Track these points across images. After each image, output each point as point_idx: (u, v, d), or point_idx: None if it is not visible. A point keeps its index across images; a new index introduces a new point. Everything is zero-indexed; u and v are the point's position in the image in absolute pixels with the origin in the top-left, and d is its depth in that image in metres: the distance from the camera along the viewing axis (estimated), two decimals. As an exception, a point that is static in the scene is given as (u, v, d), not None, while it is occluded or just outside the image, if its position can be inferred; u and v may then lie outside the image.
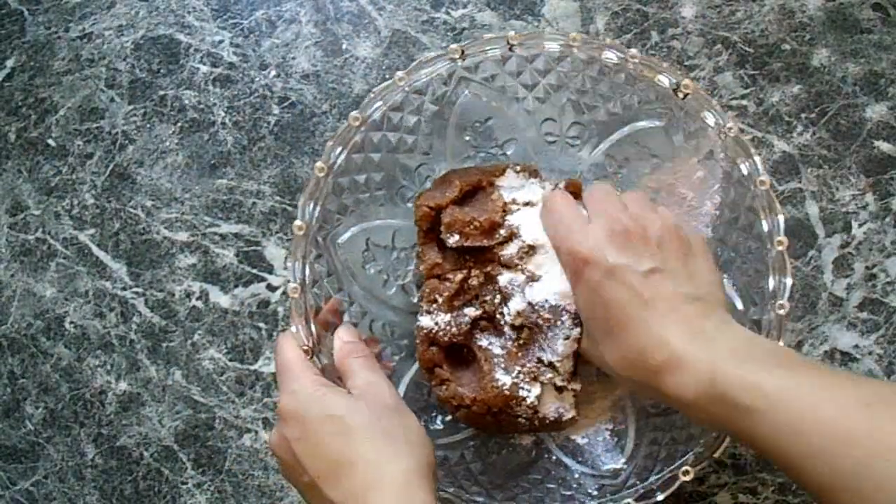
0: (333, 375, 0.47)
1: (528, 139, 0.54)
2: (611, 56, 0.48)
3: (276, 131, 0.62)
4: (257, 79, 0.62)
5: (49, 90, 0.64)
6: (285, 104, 0.62)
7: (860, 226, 0.58)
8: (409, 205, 0.53)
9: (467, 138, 0.53)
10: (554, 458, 0.52)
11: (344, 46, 0.62)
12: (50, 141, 0.63)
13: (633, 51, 0.48)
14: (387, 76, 0.61)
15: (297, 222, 0.48)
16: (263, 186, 0.61)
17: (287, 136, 0.61)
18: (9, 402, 0.61)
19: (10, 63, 0.64)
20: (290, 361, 0.46)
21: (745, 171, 0.48)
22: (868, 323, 0.57)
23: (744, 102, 0.60)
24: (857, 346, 0.57)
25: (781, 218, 0.47)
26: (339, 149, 0.49)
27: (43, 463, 0.60)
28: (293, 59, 0.62)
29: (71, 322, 0.61)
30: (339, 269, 0.51)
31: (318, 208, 0.49)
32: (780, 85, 0.60)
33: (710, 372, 0.39)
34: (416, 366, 0.53)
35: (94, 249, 0.62)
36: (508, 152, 0.54)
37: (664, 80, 0.48)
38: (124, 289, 0.61)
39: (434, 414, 0.53)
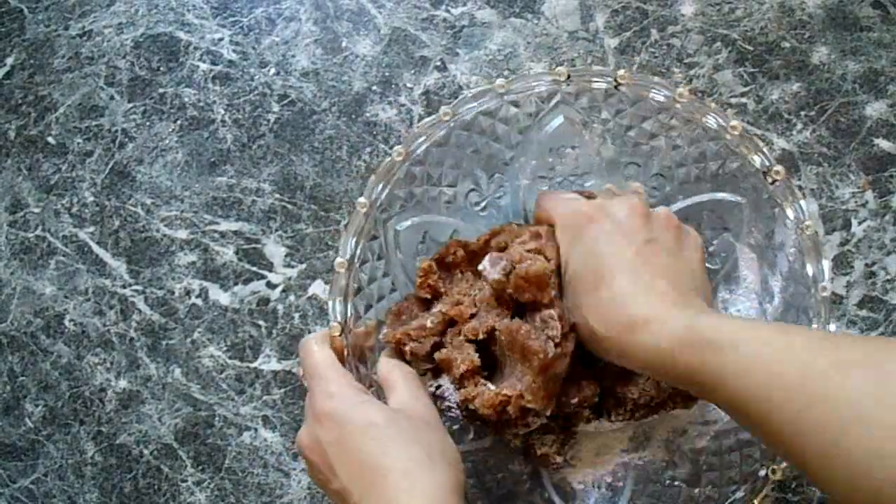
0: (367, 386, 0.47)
1: (607, 176, 0.54)
2: (711, 122, 0.48)
3: (275, 129, 0.62)
4: (257, 76, 0.62)
5: (49, 88, 0.64)
6: (285, 102, 0.62)
7: (860, 223, 0.58)
8: (476, 209, 0.54)
9: (550, 160, 0.53)
10: (546, 494, 0.52)
11: (343, 44, 0.62)
12: (49, 139, 0.63)
13: (735, 122, 0.48)
14: (386, 74, 0.61)
15: (361, 199, 0.48)
16: (263, 184, 0.61)
17: (287, 133, 0.61)
18: (8, 400, 0.61)
19: (9, 61, 0.64)
20: (324, 363, 0.45)
21: (809, 272, 0.48)
22: (868, 321, 0.57)
23: (743, 100, 0.60)
24: (856, 344, 0.57)
25: (833, 328, 0.47)
26: (422, 139, 0.49)
27: (43, 461, 0.60)
28: (293, 56, 0.62)
29: (70, 320, 0.61)
30: (391, 255, 0.51)
31: (385, 191, 0.49)
32: (780, 83, 0.60)
33: (687, 321, 0.39)
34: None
35: (94, 247, 0.62)
36: (587, 184, 0.54)
37: (756, 161, 0.48)
38: (124, 286, 0.61)
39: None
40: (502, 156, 0.53)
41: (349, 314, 0.48)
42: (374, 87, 0.61)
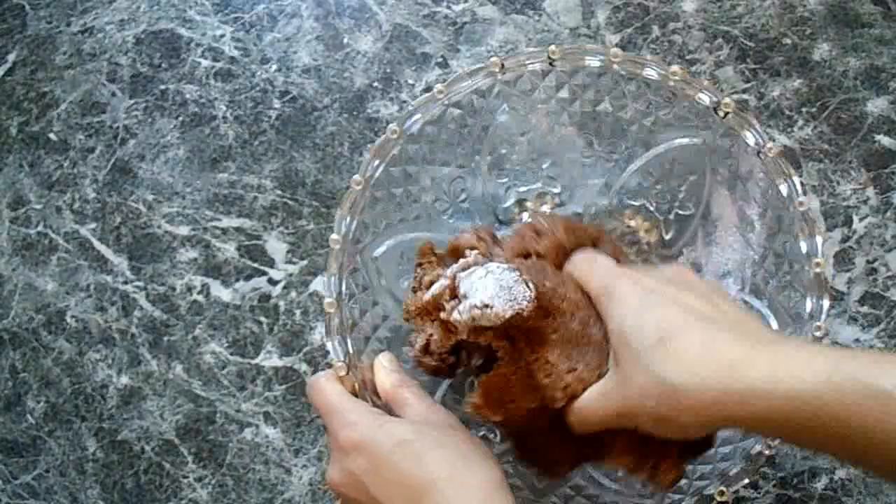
0: (383, 409, 0.46)
1: (564, 154, 0.54)
2: (651, 73, 0.48)
3: (277, 125, 0.62)
4: (258, 73, 0.62)
5: (50, 84, 0.64)
6: (286, 98, 0.62)
7: (861, 220, 0.58)
8: (444, 217, 0.54)
9: (503, 152, 0.53)
10: (588, 474, 0.52)
11: (345, 40, 0.62)
12: (51, 135, 0.63)
13: (675, 67, 0.48)
14: (388, 70, 0.61)
15: (334, 236, 0.48)
16: (265, 180, 0.61)
17: (288, 130, 0.62)
18: (10, 396, 0.61)
19: (11, 57, 0.64)
20: (338, 397, 0.45)
21: (784, 192, 0.48)
22: (869, 317, 0.57)
23: (745, 97, 0.60)
24: (857, 341, 0.57)
25: (820, 240, 0.47)
26: (377, 161, 0.49)
27: (44, 457, 0.60)
28: (294, 53, 0.62)
29: (72, 316, 0.61)
30: (375, 284, 0.51)
31: (354, 222, 0.49)
32: (781, 79, 0.60)
33: (826, 360, 0.32)
34: (445, 384, 0.52)
35: (96, 243, 0.62)
36: (543, 166, 0.54)
37: (704, 98, 0.48)
38: (125, 283, 0.61)
39: (470, 430, 0.53)
40: (458, 160, 0.53)
41: (350, 351, 0.48)
42: (376, 84, 0.62)
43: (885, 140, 0.59)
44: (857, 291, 0.58)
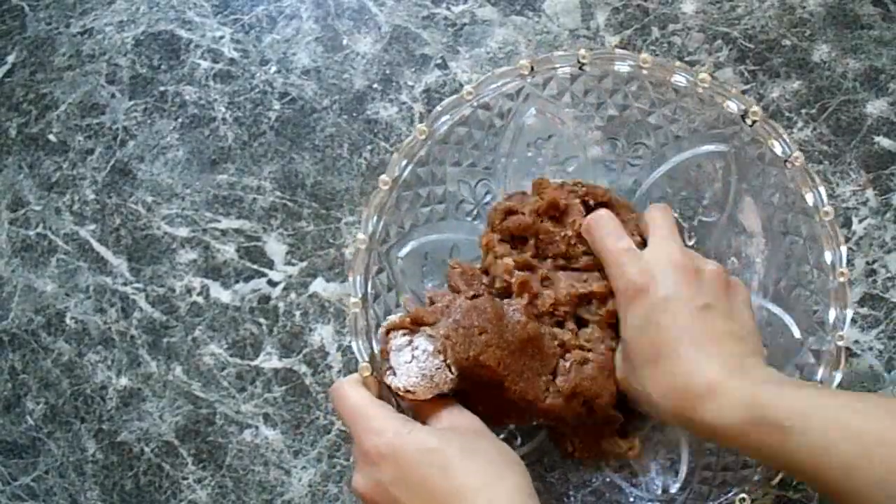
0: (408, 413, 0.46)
1: (590, 157, 0.54)
2: (680, 79, 0.48)
3: (276, 127, 0.62)
4: (258, 74, 0.62)
5: (50, 86, 0.64)
6: (286, 100, 0.62)
7: (860, 221, 0.58)
8: (469, 219, 0.53)
9: (529, 154, 0.53)
10: (608, 479, 0.52)
11: (344, 42, 0.62)
12: (51, 136, 0.63)
13: (704, 75, 0.48)
14: (387, 72, 0.61)
15: (360, 235, 0.48)
16: (264, 182, 0.61)
17: (287, 131, 0.62)
18: (9, 398, 0.61)
19: (10, 58, 0.64)
20: (362, 403, 0.44)
21: (809, 202, 0.48)
22: (868, 319, 0.57)
23: (744, 98, 0.60)
24: (857, 342, 0.57)
25: (844, 249, 0.47)
26: (405, 162, 0.49)
27: (44, 458, 0.60)
28: (294, 54, 0.62)
29: (72, 317, 0.61)
30: (400, 284, 0.51)
31: (381, 222, 0.49)
32: (781, 81, 0.60)
33: (749, 396, 0.40)
34: None
35: (95, 245, 0.62)
36: (569, 169, 0.54)
37: (732, 106, 0.48)
38: (125, 284, 0.61)
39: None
40: (484, 161, 0.53)
41: (375, 352, 0.48)
42: (375, 85, 0.62)
43: (884, 141, 0.59)
44: (857, 293, 0.58)
